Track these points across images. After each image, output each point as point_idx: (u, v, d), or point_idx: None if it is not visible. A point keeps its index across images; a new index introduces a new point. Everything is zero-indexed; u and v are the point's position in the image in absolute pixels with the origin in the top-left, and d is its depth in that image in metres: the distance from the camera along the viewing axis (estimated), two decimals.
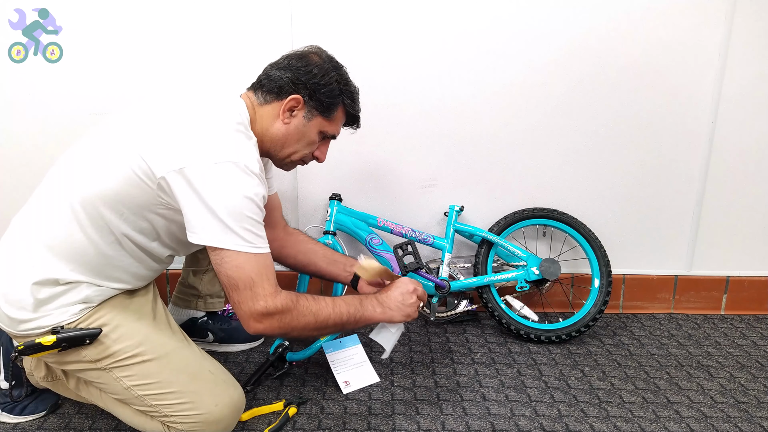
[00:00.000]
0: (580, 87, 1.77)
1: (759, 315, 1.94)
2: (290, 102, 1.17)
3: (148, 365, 1.10)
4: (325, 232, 1.72)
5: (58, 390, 1.28)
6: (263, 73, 1.21)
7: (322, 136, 1.26)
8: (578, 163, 1.84)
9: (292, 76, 1.18)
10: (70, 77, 1.70)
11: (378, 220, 1.74)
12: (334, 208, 1.74)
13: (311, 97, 1.19)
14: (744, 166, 1.85)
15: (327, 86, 1.19)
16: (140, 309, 1.17)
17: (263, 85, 1.19)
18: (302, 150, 1.24)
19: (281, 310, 1.08)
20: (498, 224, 1.79)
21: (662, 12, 1.72)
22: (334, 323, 1.17)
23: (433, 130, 1.79)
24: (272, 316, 1.07)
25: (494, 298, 1.72)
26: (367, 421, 1.29)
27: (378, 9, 1.70)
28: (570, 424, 1.30)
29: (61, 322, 1.07)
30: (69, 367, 1.13)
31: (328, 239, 1.70)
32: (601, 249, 1.75)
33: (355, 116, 1.28)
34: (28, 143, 1.73)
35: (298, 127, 1.20)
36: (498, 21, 1.72)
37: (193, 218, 1.02)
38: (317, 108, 1.20)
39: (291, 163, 1.27)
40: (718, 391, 1.45)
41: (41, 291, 1.06)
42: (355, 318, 1.20)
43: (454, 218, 1.77)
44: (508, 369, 1.54)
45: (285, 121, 1.19)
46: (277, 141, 1.20)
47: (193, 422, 1.11)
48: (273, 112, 1.19)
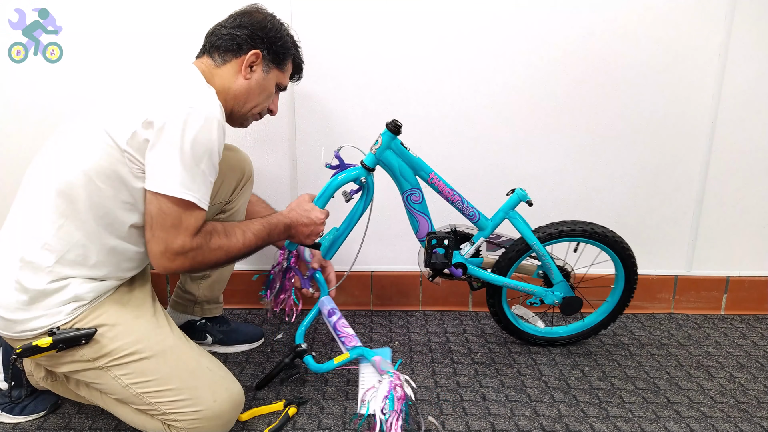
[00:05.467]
0: (580, 87, 1.77)
1: (759, 315, 1.94)
2: (251, 57, 1.22)
3: (145, 363, 1.10)
4: (362, 164, 1.40)
5: (58, 390, 1.28)
6: (211, 34, 1.25)
7: (276, 89, 1.32)
8: (578, 162, 1.84)
9: (249, 33, 1.22)
10: (70, 77, 1.70)
11: (430, 175, 1.45)
12: (386, 139, 1.39)
13: (268, 50, 1.24)
14: (744, 166, 1.85)
15: (281, 39, 1.26)
16: (137, 307, 1.17)
17: (218, 45, 1.22)
18: (263, 103, 1.30)
19: (195, 247, 1.08)
20: (548, 233, 1.54)
21: (662, 12, 1.72)
22: (243, 254, 1.19)
23: (433, 130, 1.79)
24: (185, 255, 1.07)
25: (501, 303, 1.61)
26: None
27: (378, 9, 1.70)
28: (570, 424, 1.30)
29: (56, 323, 1.07)
30: (67, 368, 1.13)
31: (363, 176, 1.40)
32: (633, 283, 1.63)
33: (300, 66, 1.37)
34: (28, 143, 1.73)
35: (259, 80, 1.25)
36: (498, 21, 1.72)
37: (149, 165, 1.04)
38: (273, 61, 1.26)
39: (251, 116, 1.31)
40: (718, 391, 1.45)
41: (29, 291, 1.06)
42: (264, 241, 1.23)
43: (513, 205, 1.51)
44: (508, 369, 1.54)
45: (246, 76, 1.23)
46: (240, 96, 1.24)
47: (193, 419, 1.11)
48: (233, 69, 1.22)
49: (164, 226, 1.05)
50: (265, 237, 1.23)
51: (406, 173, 1.43)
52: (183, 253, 1.07)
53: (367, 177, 1.41)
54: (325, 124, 1.77)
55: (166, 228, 1.05)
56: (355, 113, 1.76)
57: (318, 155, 1.77)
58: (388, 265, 1.52)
